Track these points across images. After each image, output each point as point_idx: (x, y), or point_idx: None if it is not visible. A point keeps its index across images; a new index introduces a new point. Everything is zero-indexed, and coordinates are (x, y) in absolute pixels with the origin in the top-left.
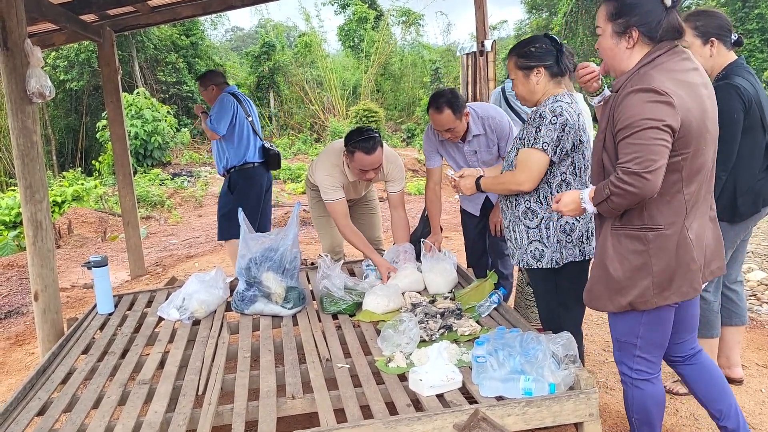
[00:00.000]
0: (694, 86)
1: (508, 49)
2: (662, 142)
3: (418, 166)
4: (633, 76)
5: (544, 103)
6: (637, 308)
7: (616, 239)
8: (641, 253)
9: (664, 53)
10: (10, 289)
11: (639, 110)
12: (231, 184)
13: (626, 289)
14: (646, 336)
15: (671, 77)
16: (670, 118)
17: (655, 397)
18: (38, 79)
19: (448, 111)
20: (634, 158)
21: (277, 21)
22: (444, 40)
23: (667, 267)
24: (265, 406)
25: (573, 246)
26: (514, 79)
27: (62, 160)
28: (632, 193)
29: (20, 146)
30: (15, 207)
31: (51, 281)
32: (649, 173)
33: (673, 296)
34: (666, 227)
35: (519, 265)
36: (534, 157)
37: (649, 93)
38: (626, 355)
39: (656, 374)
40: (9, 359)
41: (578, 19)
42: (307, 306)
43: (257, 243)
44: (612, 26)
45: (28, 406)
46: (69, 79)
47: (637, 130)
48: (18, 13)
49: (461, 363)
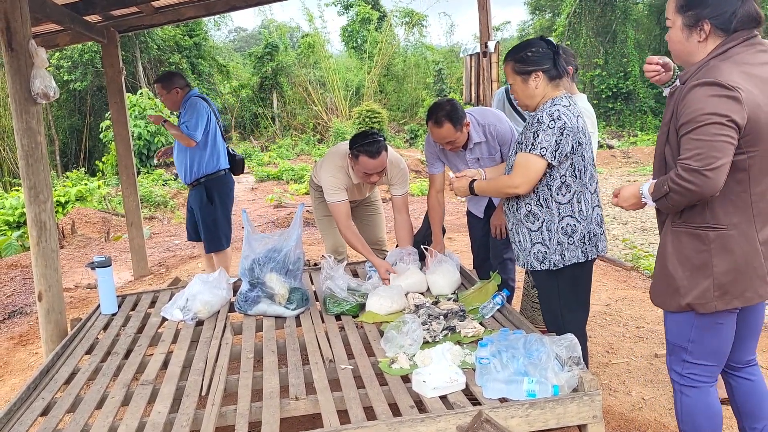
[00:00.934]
0: (767, 81)
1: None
2: (726, 138)
3: (421, 167)
4: (701, 68)
5: (542, 107)
6: (697, 310)
7: (676, 237)
8: (702, 252)
9: (739, 44)
10: (13, 289)
11: (703, 104)
12: (208, 193)
13: (685, 288)
14: (698, 341)
15: (742, 70)
16: (735, 113)
17: (705, 409)
18: (43, 80)
19: (448, 125)
20: (695, 155)
21: (280, 22)
22: (447, 40)
23: (731, 269)
24: (269, 407)
25: (575, 248)
26: (513, 84)
27: (66, 161)
28: (692, 191)
29: (25, 147)
30: (19, 207)
31: (55, 281)
32: (710, 171)
33: (735, 301)
34: (729, 227)
35: (524, 267)
36: (530, 162)
37: (714, 87)
38: (676, 360)
39: (708, 383)
40: (12, 359)
41: (581, 20)
42: (311, 307)
43: (261, 244)
44: (682, 19)
45: (32, 406)
46: (72, 80)
47: (700, 125)
48: (22, 14)
49: (464, 364)
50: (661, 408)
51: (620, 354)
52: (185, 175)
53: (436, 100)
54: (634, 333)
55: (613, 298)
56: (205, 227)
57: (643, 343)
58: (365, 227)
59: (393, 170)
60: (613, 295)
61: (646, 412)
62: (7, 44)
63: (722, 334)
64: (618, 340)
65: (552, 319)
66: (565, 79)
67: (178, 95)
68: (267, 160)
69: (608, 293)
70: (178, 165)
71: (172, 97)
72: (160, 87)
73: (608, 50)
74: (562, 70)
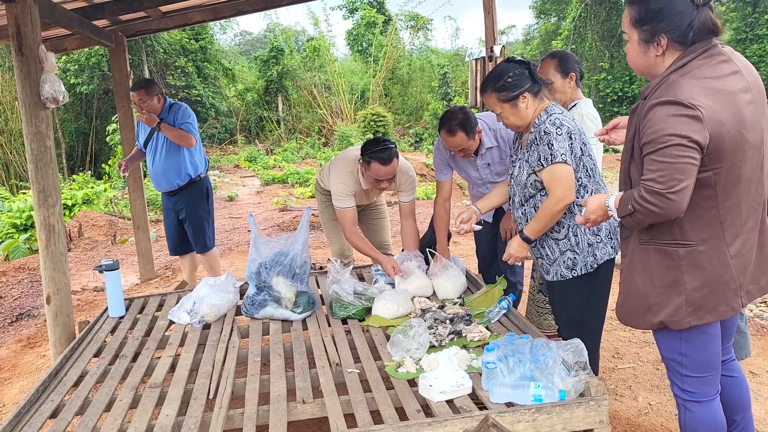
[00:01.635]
0: (730, 94)
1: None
2: (688, 159)
3: (426, 170)
4: (661, 84)
5: (539, 120)
6: (671, 327)
7: (644, 253)
8: (672, 269)
9: (697, 57)
10: (21, 292)
11: (664, 124)
12: (206, 191)
13: (657, 306)
14: (690, 354)
15: (703, 86)
16: (696, 133)
17: (708, 422)
18: (52, 84)
19: (461, 133)
20: (658, 176)
21: (285, 25)
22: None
23: (703, 285)
24: (276, 410)
25: (604, 244)
26: (501, 113)
27: (72, 164)
28: (655, 213)
29: (34, 151)
30: (26, 210)
31: (63, 284)
32: (673, 194)
33: (708, 316)
34: (699, 243)
35: (553, 279)
36: (560, 170)
37: (675, 106)
38: (674, 375)
39: (711, 397)
40: (20, 362)
41: (587, 23)
42: (317, 310)
43: (268, 247)
44: (638, 33)
45: (41, 408)
46: (79, 83)
47: (662, 147)
48: (33, 19)
49: (471, 369)
50: (668, 413)
51: (627, 359)
52: (179, 175)
53: (449, 108)
54: (640, 338)
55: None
56: (200, 227)
57: (650, 348)
58: (371, 231)
59: (402, 177)
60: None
61: (653, 418)
62: (18, 49)
63: (710, 343)
64: (624, 345)
65: (572, 325)
66: (544, 88)
67: (159, 102)
68: (272, 164)
69: (614, 298)
70: (164, 170)
71: (154, 103)
72: (143, 93)
73: (614, 54)
74: (541, 81)
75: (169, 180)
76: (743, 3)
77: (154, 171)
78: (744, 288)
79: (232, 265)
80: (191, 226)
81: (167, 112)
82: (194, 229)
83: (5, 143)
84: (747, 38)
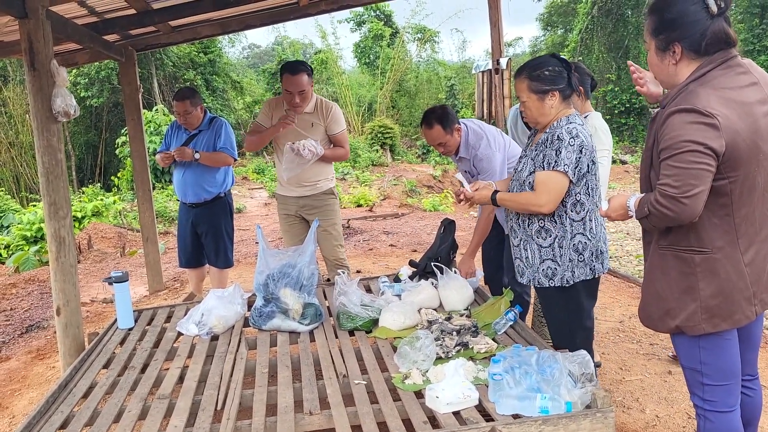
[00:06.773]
0: (746, 104)
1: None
2: (703, 166)
3: (434, 182)
4: (680, 93)
5: (557, 124)
6: (687, 332)
7: (663, 258)
8: (688, 275)
9: (717, 67)
10: (31, 304)
11: (681, 131)
12: (230, 206)
13: (674, 311)
14: (710, 362)
15: (720, 95)
16: (713, 141)
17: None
18: (64, 99)
19: (438, 126)
20: (673, 181)
21: (293, 38)
22: (459, 56)
23: (717, 293)
24: (283, 421)
25: (584, 265)
26: (526, 101)
27: (81, 176)
28: (670, 217)
29: (45, 164)
30: (36, 222)
31: (73, 296)
32: (687, 198)
33: (723, 323)
34: (714, 251)
35: (528, 283)
36: (555, 180)
37: (692, 114)
38: (695, 384)
39: (731, 407)
40: (30, 373)
41: (594, 35)
42: (324, 322)
43: (275, 259)
44: (655, 42)
45: (51, 419)
46: (89, 96)
47: (678, 152)
48: (45, 35)
49: (478, 380)
50: (676, 426)
51: (634, 371)
52: (204, 191)
53: (430, 106)
54: (647, 350)
55: (626, 315)
56: (223, 242)
57: (657, 360)
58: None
59: (326, 109)
60: (627, 311)
61: (660, 430)
62: (30, 64)
63: (729, 350)
64: (631, 357)
65: (558, 335)
66: (575, 96)
67: (202, 113)
68: None
69: (621, 309)
70: (195, 182)
71: (197, 114)
72: (188, 104)
73: (621, 65)
74: (575, 87)
75: (196, 193)
76: (750, 14)
77: (183, 181)
78: (758, 296)
79: (240, 276)
80: (213, 241)
81: (207, 125)
82: (216, 245)
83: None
84: (755, 49)
